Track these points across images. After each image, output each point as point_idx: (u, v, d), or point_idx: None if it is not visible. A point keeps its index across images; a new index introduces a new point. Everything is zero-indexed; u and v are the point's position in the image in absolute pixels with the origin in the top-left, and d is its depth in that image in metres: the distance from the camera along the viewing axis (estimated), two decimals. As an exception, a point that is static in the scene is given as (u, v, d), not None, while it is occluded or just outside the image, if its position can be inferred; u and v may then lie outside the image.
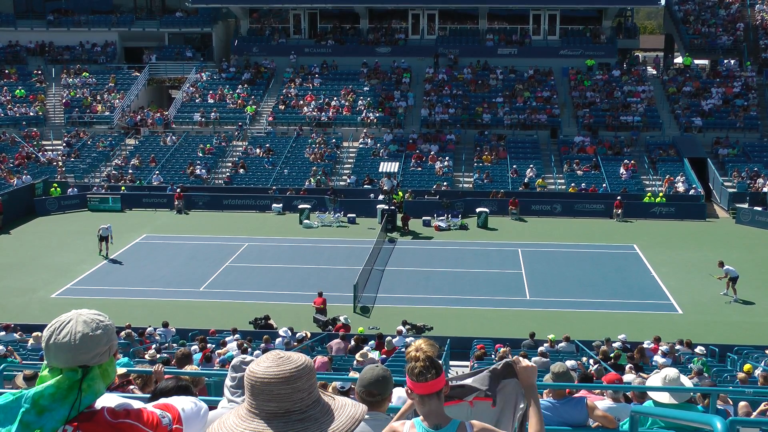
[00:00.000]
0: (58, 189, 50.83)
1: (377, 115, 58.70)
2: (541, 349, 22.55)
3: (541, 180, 51.40)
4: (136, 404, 3.34)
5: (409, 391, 4.35)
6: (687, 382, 8.94)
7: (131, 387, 9.23)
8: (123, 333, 24.08)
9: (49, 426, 3.01)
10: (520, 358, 4.77)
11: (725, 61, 63.15)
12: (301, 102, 60.77)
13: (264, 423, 2.95)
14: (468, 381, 4.73)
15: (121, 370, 9.06)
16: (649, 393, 8.82)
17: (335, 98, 60.81)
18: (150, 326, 26.89)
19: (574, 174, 51.91)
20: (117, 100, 62.34)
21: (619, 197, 47.69)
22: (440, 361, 4.40)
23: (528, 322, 29.09)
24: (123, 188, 51.56)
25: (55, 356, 3.10)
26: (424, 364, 4.25)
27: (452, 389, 4.61)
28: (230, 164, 55.08)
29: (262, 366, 2.98)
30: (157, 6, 71.20)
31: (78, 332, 3.10)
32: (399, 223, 44.59)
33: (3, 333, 24.11)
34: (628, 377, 15.41)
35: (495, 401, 4.63)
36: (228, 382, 4.71)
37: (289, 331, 25.54)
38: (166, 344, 24.26)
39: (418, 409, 4.37)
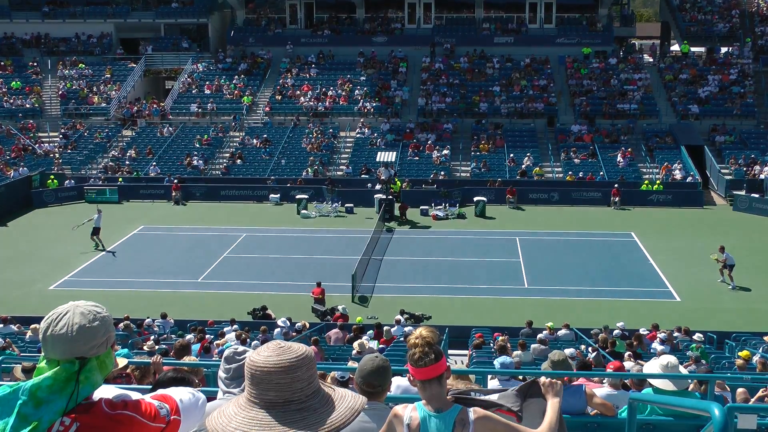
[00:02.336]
0: (55, 181, 50.82)
1: (374, 104, 58.64)
2: (540, 336, 22.57)
3: (538, 168, 51.37)
4: (134, 395, 3.34)
5: (411, 377, 4.44)
6: (683, 370, 8.96)
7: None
8: (121, 324, 24.08)
9: (47, 418, 3.01)
10: (544, 378, 4.86)
11: (731, 46, 63.01)
12: (298, 92, 60.70)
13: (263, 412, 2.96)
14: (493, 397, 4.82)
15: (122, 361, 9.06)
16: (650, 380, 8.85)
17: (332, 88, 60.74)
18: (148, 317, 26.88)
19: (571, 162, 51.91)
20: (113, 92, 62.21)
21: (616, 185, 47.72)
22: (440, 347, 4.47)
23: (526, 310, 29.10)
24: (120, 180, 51.51)
25: (52, 348, 3.10)
26: (423, 350, 4.38)
27: (474, 402, 4.69)
28: (227, 155, 55.02)
29: (262, 355, 3.00)
30: (152, -4, 71.01)
31: (75, 324, 3.10)
32: (397, 212, 44.60)
33: (1, 325, 24.12)
34: (626, 365, 15.42)
35: (520, 417, 4.71)
36: (221, 374, 4.70)
37: (287, 321, 25.56)
38: (165, 335, 24.26)
39: (420, 394, 4.47)
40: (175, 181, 49.92)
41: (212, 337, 22.56)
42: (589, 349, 20.73)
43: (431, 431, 4.37)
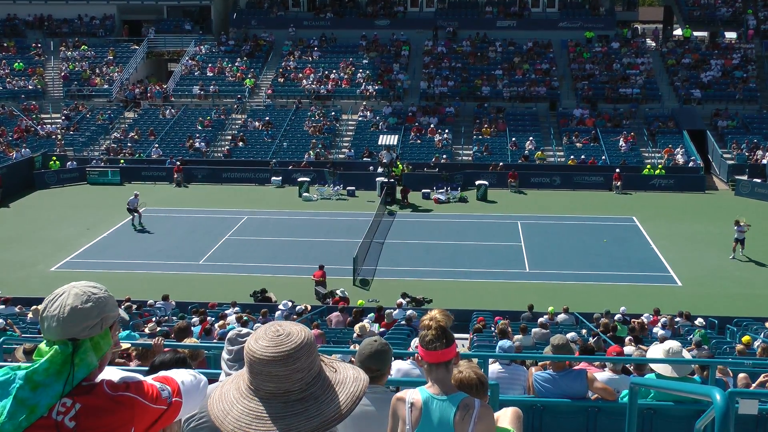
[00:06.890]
0: (57, 162, 50.78)
1: (376, 87, 58.53)
2: (541, 320, 22.58)
3: (540, 152, 51.29)
4: (137, 377, 3.34)
5: (420, 358, 4.48)
6: (687, 356, 8.97)
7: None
8: (122, 306, 24.09)
9: (45, 402, 3.00)
10: None
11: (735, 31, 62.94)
12: (300, 75, 60.57)
13: (262, 405, 2.91)
14: None
15: (124, 345, 9.08)
16: (652, 365, 8.85)
17: (334, 71, 60.60)
18: (150, 300, 26.93)
19: (573, 146, 51.84)
20: (116, 74, 62.10)
21: (618, 169, 47.64)
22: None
23: (527, 294, 29.10)
24: (122, 161, 51.46)
25: (47, 329, 3.10)
26: (435, 333, 4.43)
27: None
28: (229, 137, 54.96)
29: (260, 344, 2.90)
30: (154, -22, 70.70)
31: (67, 305, 3.08)
32: (398, 196, 44.55)
33: (3, 306, 24.15)
34: (628, 349, 15.45)
35: None
36: (225, 355, 4.69)
37: (289, 304, 25.57)
38: (166, 317, 24.30)
39: (426, 376, 4.51)
40: (177, 163, 49.88)
41: (213, 319, 22.59)
42: (590, 333, 20.75)
43: (434, 412, 4.42)
